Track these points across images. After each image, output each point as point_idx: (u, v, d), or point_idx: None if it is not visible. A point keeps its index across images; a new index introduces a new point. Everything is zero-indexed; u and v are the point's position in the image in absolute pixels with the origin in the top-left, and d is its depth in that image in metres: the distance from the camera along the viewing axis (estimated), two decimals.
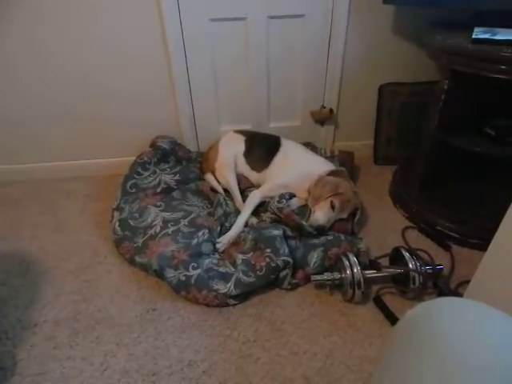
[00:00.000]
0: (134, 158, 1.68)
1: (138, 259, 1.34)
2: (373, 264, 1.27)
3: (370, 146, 1.99)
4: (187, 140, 1.90)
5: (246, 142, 1.71)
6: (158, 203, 1.50)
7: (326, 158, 1.73)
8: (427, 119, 1.44)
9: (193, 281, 1.22)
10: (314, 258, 1.28)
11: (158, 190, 1.58)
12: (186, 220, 1.41)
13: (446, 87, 1.33)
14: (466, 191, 1.58)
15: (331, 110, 1.86)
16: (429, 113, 1.43)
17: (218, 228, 1.43)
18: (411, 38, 1.72)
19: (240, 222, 1.45)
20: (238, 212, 1.52)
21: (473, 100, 1.44)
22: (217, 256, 1.35)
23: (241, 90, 1.81)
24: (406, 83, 1.81)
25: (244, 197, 1.59)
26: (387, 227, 1.54)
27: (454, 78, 1.31)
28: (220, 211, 1.49)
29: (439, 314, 0.47)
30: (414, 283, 1.17)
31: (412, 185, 1.60)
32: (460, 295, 1.17)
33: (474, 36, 1.19)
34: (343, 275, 1.19)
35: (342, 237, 1.34)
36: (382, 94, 1.84)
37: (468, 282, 1.05)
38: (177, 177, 1.63)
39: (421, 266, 1.18)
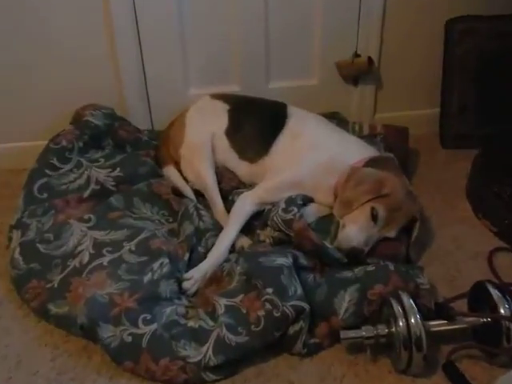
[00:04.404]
0: (45, 142, 1.68)
1: (52, 308, 1.32)
2: (441, 310, 1.27)
3: (435, 117, 2.01)
4: (134, 112, 1.92)
5: (231, 112, 1.72)
6: (86, 216, 1.50)
7: (363, 137, 1.74)
8: None
9: (145, 343, 1.21)
10: (346, 301, 1.28)
11: (86, 194, 1.59)
12: (133, 243, 1.41)
13: None
14: None
15: (370, 60, 1.88)
16: None
17: (187, 255, 1.43)
18: None
19: (222, 244, 1.45)
20: (218, 228, 1.52)
21: None
22: (184, 302, 1.35)
23: (223, 32, 1.84)
24: (486, 17, 1.84)
25: (229, 203, 1.60)
26: (464, 249, 1.55)
27: None
28: (189, 227, 1.49)
29: None
30: (508, 340, 1.17)
31: (503, 181, 1.61)
32: None
33: None
34: (393, 329, 1.18)
35: (391, 266, 1.34)
36: (451, 34, 1.86)
37: None
38: (116, 172, 1.63)
39: None
